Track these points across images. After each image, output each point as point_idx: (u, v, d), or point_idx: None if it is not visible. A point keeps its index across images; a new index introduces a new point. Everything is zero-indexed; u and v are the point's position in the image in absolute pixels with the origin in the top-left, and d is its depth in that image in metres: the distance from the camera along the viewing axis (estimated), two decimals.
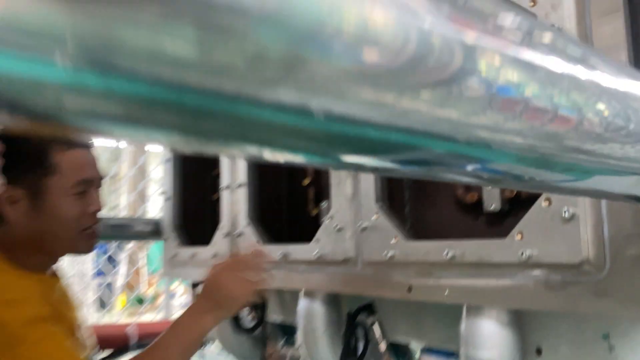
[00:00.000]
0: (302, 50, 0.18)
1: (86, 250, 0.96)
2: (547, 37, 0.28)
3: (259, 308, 1.33)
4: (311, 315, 1.09)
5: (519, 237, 0.69)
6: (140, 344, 1.76)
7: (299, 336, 1.12)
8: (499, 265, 0.72)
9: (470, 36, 0.23)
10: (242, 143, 0.23)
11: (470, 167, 0.30)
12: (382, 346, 1.00)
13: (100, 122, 0.19)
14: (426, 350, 1.01)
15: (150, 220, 1.64)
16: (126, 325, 1.82)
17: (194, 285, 1.62)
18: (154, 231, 1.59)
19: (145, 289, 4.60)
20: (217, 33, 0.17)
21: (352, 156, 0.26)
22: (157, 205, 2.19)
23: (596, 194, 0.50)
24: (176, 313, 2.68)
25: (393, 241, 0.86)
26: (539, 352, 0.82)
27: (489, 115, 0.26)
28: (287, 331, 1.37)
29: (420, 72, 0.22)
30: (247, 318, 1.37)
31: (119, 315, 2.62)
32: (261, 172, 1.25)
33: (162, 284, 2.98)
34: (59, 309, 0.96)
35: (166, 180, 1.57)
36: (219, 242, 1.29)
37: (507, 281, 0.72)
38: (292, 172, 1.31)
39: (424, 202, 0.96)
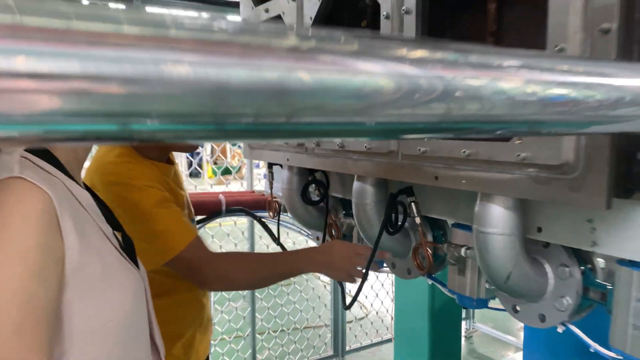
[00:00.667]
0: (369, 100, 0.37)
1: (189, 148, 1.27)
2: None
3: (323, 185, 1.60)
4: (362, 194, 1.34)
5: (518, 141, 0.86)
6: (229, 210, 2.14)
7: (353, 210, 1.38)
8: (502, 162, 0.90)
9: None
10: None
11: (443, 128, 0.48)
12: (417, 220, 1.24)
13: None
14: (455, 225, 1.24)
15: None
16: (217, 194, 2.19)
17: (270, 165, 1.91)
18: None
19: (231, 161, 5.11)
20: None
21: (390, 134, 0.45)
22: None
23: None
24: (258, 183, 3.07)
25: (426, 139, 1.05)
26: (539, 230, 1.02)
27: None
28: (345, 205, 1.64)
29: (415, 99, 0.39)
30: (315, 192, 1.65)
31: (209, 184, 3.02)
32: None
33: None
34: (174, 189, 1.30)
35: None
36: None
37: (508, 175, 0.91)
38: None
39: None
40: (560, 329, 1.12)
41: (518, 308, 1.14)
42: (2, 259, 0.64)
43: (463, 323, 3.87)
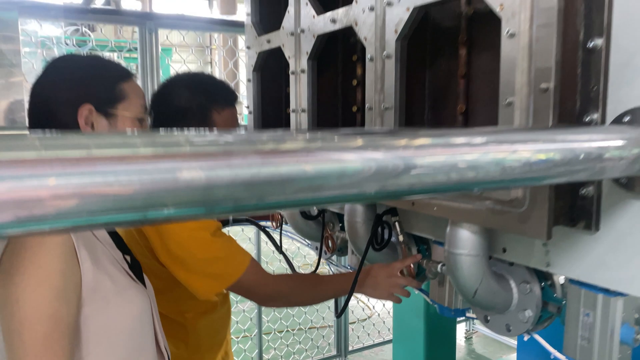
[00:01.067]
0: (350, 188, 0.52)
1: None
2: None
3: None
4: (354, 213, 1.48)
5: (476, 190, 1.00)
6: (236, 220, 2.29)
7: (345, 226, 1.53)
8: (466, 195, 1.04)
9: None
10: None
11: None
12: (401, 237, 1.38)
13: None
14: (435, 242, 1.38)
15: (241, 126, 2.03)
16: None
17: None
18: None
19: None
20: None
21: (378, 198, 0.59)
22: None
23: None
24: None
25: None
26: (504, 250, 1.16)
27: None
28: (341, 219, 1.78)
29: (382, 175, 0.54)
30: (313, 207, 1.80)
31: None
32: (320, 100, 1.58)
33: None
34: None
35: (249, 97, 1.95)
36: None
37: (470, 206, 1.04)
38: (344, 100, 1.63)
39: None
40: (525, 338, 1.26)
41: (489, 318, 1.28)
42: (32, 283, 0.81)
43: (463, 324, 4.00)
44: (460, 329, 3.95)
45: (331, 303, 3.55)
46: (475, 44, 1.17)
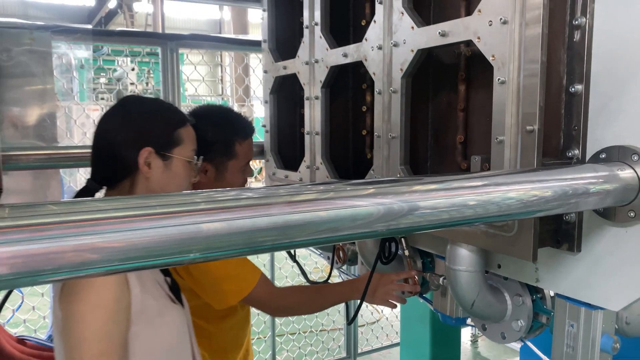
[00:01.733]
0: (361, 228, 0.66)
1: None
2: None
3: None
4: None
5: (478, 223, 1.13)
6: None
7: (356, 242, 1.66)
8: None
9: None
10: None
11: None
12: (406, 252, 1.51)
13: None
14: (438, 256, 1.51)
15: (259, 144, 2.16)
16: None
17: None
18: (260, 152, 2.14)
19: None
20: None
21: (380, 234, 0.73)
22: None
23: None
24: None
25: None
26: (499, 266, 1.29)
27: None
28: None
29: (388, 217, 0.68)
30: None
31: None
32: (332, 124, 1.72)
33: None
34: None
35: (266, 117, 2.09)
36: (303, 171, 1.81)
37: (467, 228, 1.18)
38: (354, 124, 1.77)
39: (435, 168, 1.40)
40: (519, 345, 1.39)
41: (486, 326, 1.41)
42: (90, 307, 0.96)
43: (469, 328, 4.12)
44: (466, 332, 4.07)
45: (342, 307, 3.69)
46: (472, 81, 1.30)
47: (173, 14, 16.44)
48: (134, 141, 1.10)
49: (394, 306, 1.62)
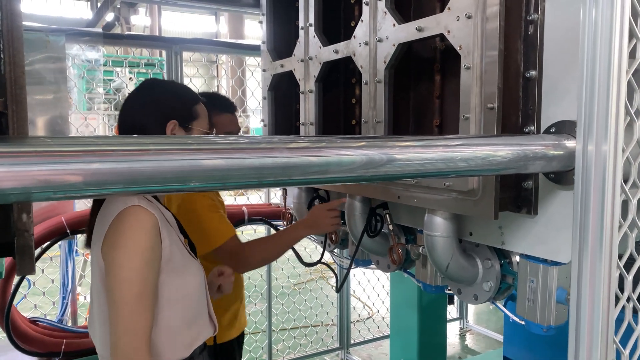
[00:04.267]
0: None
1: None
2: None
3: (324, 200, 2.06)
4: (353, 207, 1.79)
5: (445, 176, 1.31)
6: (250, 219, 2.61)
7: (346, 219, 1.84)
8: (437, 188, 1.36)
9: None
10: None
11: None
12: (390, 227, 1.69)
13: None
14: (420, 231, 1.69)
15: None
16: (241, 206, 2.66)
17: None
18: None
19: None
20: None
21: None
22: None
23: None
24: (274, 196, 3.54)
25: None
26: (470, 234, 1.47)
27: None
28: (343, 216, 2.09)
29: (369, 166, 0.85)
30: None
31: (230, 195, 3.48)
32: (325, 115, 1.90)
33: None
34: (219, 199, 1.81)
35: (264, 112, 2.27)
36: None
37: (441, 197, 1.36)
38: (345, 115, 1.95)
39: None
40: (491, 307, 1.56)
41: (461, 291, 1.58)
42: (130, 254, 1.12)
43: (457, 323, 4.28)
44: (455, 327, 4.23)
45: (335, 301, 3.84)
46: (446, 71, 1.49)
47: (170, 26, 16.69)
48: (160, 116, 1.28)
49: (335, 229, 1.90)
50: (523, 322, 1.40)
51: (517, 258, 1.51)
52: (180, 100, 1.33)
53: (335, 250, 2.26)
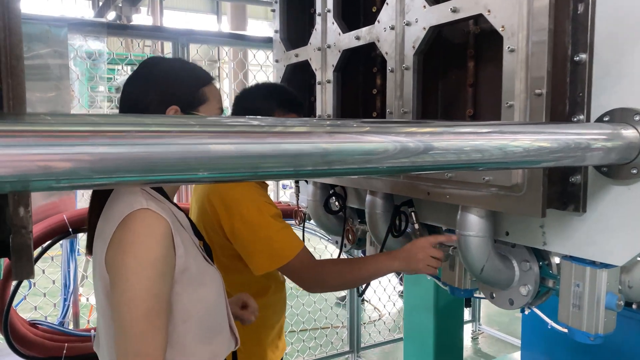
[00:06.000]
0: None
1: None
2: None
3: (341, 198, 1.95)
4: (374, 205, 1.68)
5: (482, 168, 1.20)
6: None
7: (366, 218, 1.72)
8: (474, 183, 1.24)
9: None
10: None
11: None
12: (416, 226, 1.57)
13: None
14: (447, 230, 1.57)
15: None
16: None
17: (297, 181, 2.25)
18: None
19: None
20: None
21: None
22: None
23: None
24: (283, 194, 3.43)
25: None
26: (507, 233, 1.35)
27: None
28: (360, 214, 1.98)
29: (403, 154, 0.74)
30: (335, 204, 1.99)
31: None
32: (343, 106, 1.79)
33: None
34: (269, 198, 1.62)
35: None
36: None
37: (478, 193, 1.24)
38: (365, 107, 1.84)
39: None
40: (526, 312, 1.45)
41: (494, 295, 1.46)
42: (141, 265, 0.96)
43: (470, 325, 4.16)
44: (467, 329, 4.11)
45: (346, 303, 3.73)
46: (480, 57, 1.38)
47: (172, 26, 16.56)
48: (159, 101, 1.11)
49: (434, 271, 1.49)
50: (566, 330, 1.29)
51: (557, 260, 1.39)
52: (183, 83, 1.14)
53: (353, 252, 2.14)
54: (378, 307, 4.36)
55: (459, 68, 1.43)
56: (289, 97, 1.63)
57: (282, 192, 3.46)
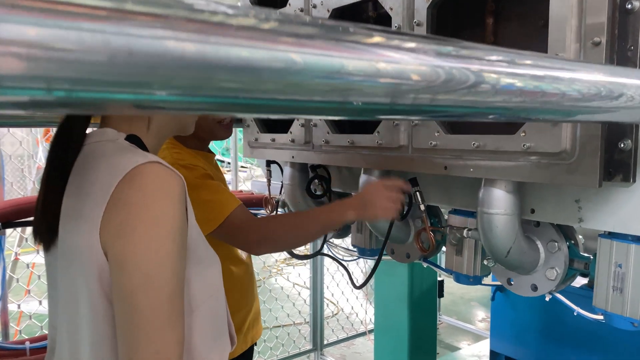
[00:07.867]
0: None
1: (224, 136, 1.38)
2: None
3: (325, 181, 1.74)
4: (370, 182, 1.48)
5: (523, 134, 1.04)
6: None
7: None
8: (508, 152, 1.08)
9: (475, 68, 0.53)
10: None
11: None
12: (422, 207, 1.40)
13: None
14: (452, 211, 1.41)
15: None
16: None
17: (268, 164, 2.03)
18: (238, 119, 1.96)
19: None
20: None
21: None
22: None
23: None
24: (242, 184, 3.17)
25: (436, 134, 1.21)
26: (532, 211, 1.20)
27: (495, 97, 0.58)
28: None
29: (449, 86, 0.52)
30: (319, 186, 1.78)
31: None
32: None
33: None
34: (216, 173, 1.41)
35: None
36: (296, 130, 1.66)
37: (512, 163, 1.08)
38: None
39: None
40: (547, 298, 1.31)
41: (512, 281, 1.32)
42: (156, 239, 0.73)
43: None
44: None
45: (308, 298, 3.52)
46: (501, 13, 1.22)
47: None
48: None
49: (393, 215, 1.31)
50: (600, 317, 1.16)
51: (581, 239, 1.27)
52: None
53: (332, 241, 1.94)
54: (333, 301, 4.19)
55: (476, 24, 1.26)
56: None
57: (240, 182, 3.19)
